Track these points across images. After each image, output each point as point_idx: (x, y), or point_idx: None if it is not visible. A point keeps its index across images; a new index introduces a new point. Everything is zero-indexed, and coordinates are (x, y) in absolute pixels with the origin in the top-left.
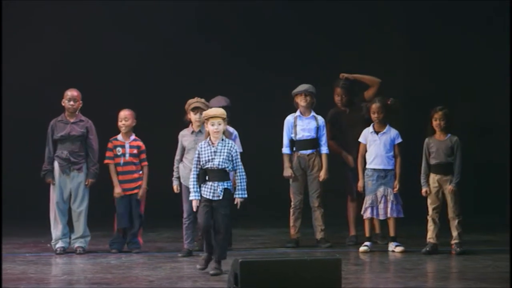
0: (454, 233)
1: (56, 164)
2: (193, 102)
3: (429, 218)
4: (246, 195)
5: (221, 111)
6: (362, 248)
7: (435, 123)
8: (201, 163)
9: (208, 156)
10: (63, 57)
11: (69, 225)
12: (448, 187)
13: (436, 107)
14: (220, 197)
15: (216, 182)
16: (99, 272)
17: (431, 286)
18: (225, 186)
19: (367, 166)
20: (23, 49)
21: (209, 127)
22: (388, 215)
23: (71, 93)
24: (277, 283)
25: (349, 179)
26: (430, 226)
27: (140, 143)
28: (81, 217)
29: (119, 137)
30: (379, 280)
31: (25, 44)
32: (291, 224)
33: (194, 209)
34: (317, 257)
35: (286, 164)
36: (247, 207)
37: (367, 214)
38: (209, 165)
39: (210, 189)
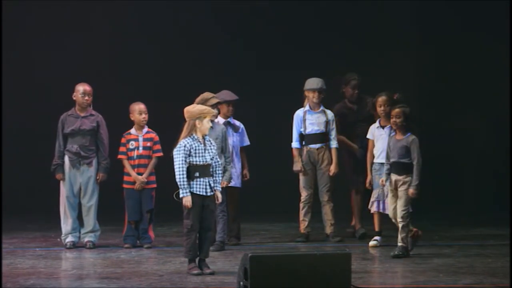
0: (399, 236)
1: (66, 158)
2: (210, 97)
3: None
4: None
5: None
6: (371, 243)
7: (391, 121)
8: (191, 159)
9: (200, 152)
10: (72, 54)
11: (79, 220)
12: (409, 191)
13: (396, 105)
14: (213, 193)
15: (207, 178)
16: (109, 266)
17: (440, 281)
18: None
19: (374, 161)
20: (32, 46)
21: (205, 124)
22: None
23: (84, 87)
24: (287, 278)
25: (352, 173)
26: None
27: (153, 135)
28: (91, 211)
29: (132, 131)
30: (389, 274)
31: (35, 42)
32: (301, 218)
33: (190, 205)
34: (327, 251)
35: (296, 158)
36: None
37: (373, 208)
38: (200, 161)
39: (203, 184)
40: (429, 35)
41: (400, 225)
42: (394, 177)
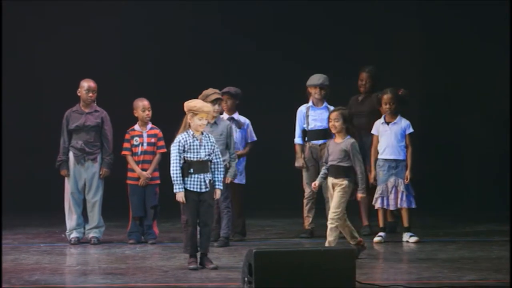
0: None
1: (71, 154)
2: (211, 93)
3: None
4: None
5: (211, 108)
6: (376, 239)
7: (330, 124)
8: (186, 155)
9: (194, 148)
10: (77, 50)
11: (84, 216)
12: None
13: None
14: (208, 188)
15: (202, 174)
16: (114, 262)
17: (445, 276)
18: (210, 178)
19: (378, 157)
20: (35, 43)
21: (195, 121)
22: (398, 205)
23: (89, 84)
24: (291, 273)
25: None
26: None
27: (157, 131)
28: (95, 207)
29: (136, 127)
30: (393, 270)
31: (38, 38)
32: (305, 214)
33: (182, 201)
34: (331, 247)
35: (298, 154)
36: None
37: (377, 204)
38: (194, 157)
39: (197, 181)
40: (432, 36)
41: (328, 227)
42: (330, 180)
